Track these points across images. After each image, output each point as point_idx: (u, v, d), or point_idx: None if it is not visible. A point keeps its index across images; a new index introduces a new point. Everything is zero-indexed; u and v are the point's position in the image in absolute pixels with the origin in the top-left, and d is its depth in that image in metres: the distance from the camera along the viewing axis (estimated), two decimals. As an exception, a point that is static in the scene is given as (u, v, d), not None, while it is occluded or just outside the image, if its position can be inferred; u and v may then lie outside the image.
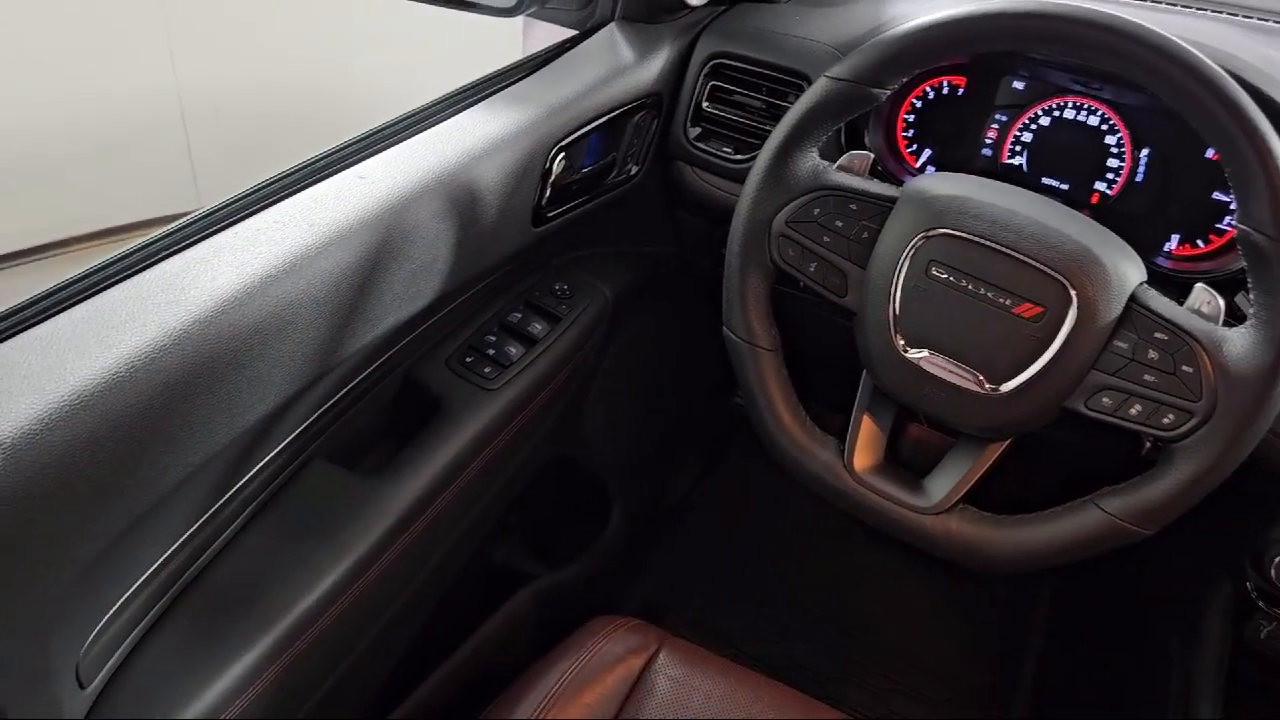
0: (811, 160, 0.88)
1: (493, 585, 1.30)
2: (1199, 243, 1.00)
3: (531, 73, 1.07)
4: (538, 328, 1.12)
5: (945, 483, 0.87)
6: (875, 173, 0.99)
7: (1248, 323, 0.75)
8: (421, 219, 0.88)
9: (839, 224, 0.87)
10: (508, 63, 1.08)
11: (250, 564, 0.86)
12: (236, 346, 0.73)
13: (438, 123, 0.96)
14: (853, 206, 0.86)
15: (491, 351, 1.08)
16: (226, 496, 0.84)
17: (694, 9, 1.15)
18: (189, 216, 0.79)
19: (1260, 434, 0.75)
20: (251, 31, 2.97)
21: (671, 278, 1.38)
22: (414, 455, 0.97)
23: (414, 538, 0.95)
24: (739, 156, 1.11)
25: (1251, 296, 0.75)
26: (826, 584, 1.72)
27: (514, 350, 1.09)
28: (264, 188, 0.84)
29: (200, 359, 0.70)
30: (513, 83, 1.05)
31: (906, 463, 0.93)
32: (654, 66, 1.10)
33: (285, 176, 0.86)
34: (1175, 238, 1.01)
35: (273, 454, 0.87)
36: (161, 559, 0.79)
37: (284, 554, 0.87)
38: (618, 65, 1.08)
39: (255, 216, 0.81)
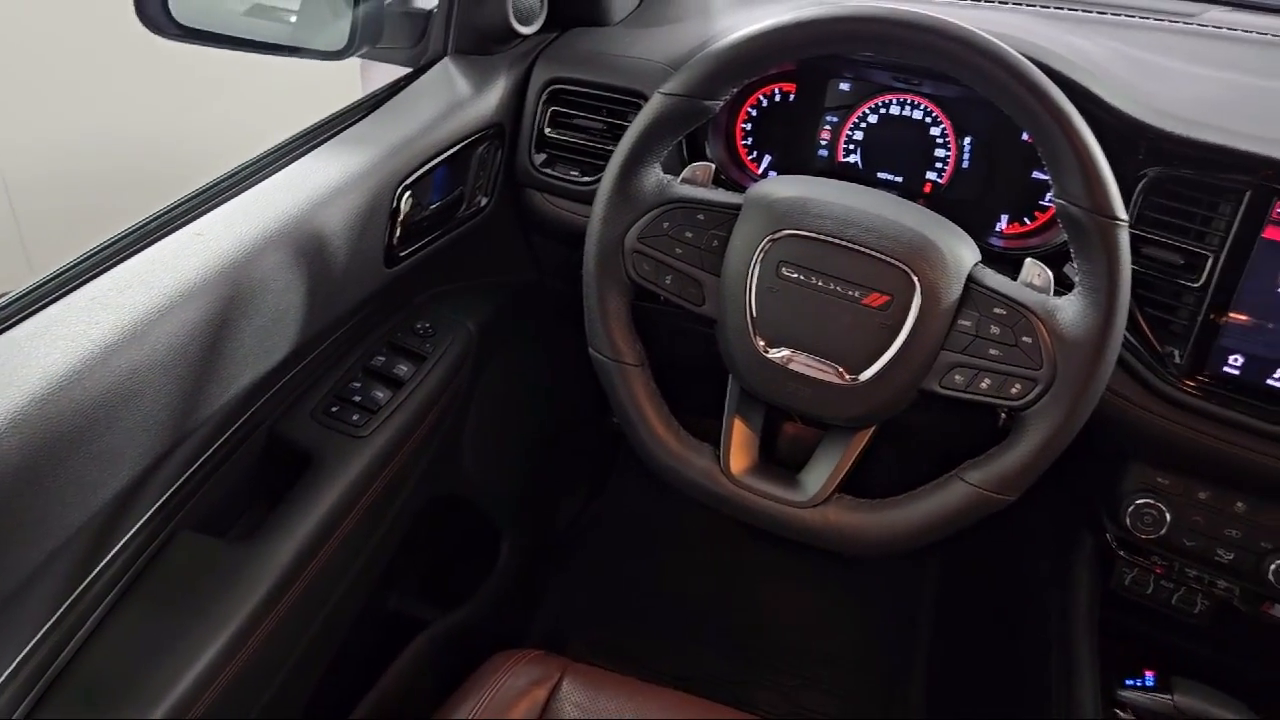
0: (655, 176, 0.89)
1: (389, 635, 1.27)
2: (1026, 220, 1.06)
3: (368, 113, 1.06)
4: (403, 369, 1.10)
5: (819, 475, 0.89)
6: (719, 182, 1.01)
7: (1075, 290, 0.80)
8: (268, 271, 0.85)
9: (689, 235, 0.88)
10: (348, 102, 1.07)
11: (122, 648, 0.81)
12: (80, 424, 0.69)
13: (276, 171, 0.94)
14: (700, 217, 0.88)
15: (358, 398, 1.06)
16: (89, 579, 0.80)
17: (525, 37, 1.16)
18: (11, 294, 0.75)
19: (1098, 392, 0.80)
20: (77, 88, 2.83)
21: (535, 305, 1.38)
22: (287, 514, 0.94)
23: (296, 599, 0.92)
24: (586, 179, 1.12)
25: (1076, 265, 0.80)
26: (724, 590, 1.75)
27: (381, 394, 1.07)
28: (97, 253, 0.80)
29: (40, 441, 0.67)
30: (350, 125, 1.03)
31: (784, 460, 0.95)
32: (492, 97, 1.11)
33: (119, 240, 0.82)
34: (1004, 217, 1.07)
35: (135, 529, 0.83)
36: (24, 651, 0.75)
37: (157, 633, 0.83)
38: (455, 99, 1.08)
39: (89, 284, 0.77)
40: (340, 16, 1.09)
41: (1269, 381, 0.92)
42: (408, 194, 1.01)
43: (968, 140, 1.06)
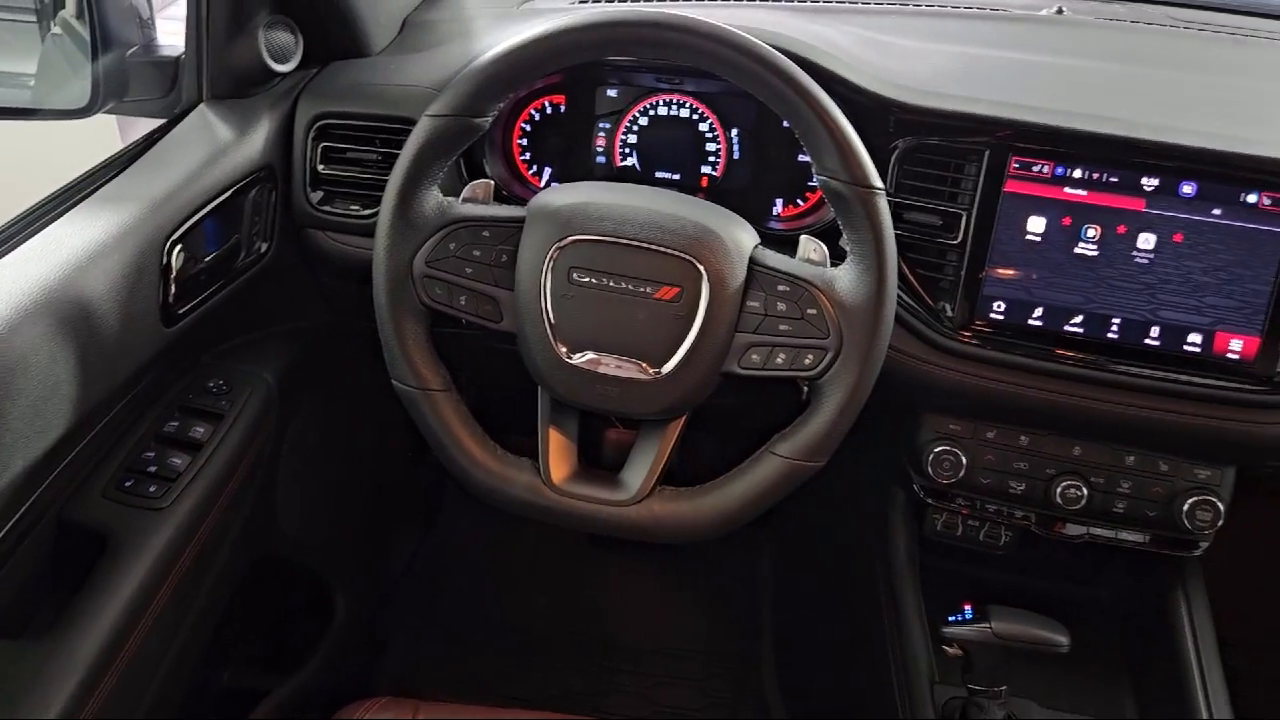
0: (434, 198, 0.89)
1: (226, 713, 1.20)
2: (799, 201, 1.11)
3: (123, 169, 1.00)
4: (200, 431, 1.05)
5: (639, 471, 0.91)
6: (503, 198, 1.02)
7: (848, 260, 0.85)
8: (29, 346, 0.79)
9: (477, 253, 0.88)
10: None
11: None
12: None
13: (27, 239, 0.88)
14: (485, 234, 0.88)
15: (153, 468, 1.00)
16: None
17: (284, 76, 1.13)
18: None
19: (882, 351, 0.85)
20: None
21: (336, 347, 1.34)
22: (87, 604, 0.88)
23: (108, 695, 0.86)
24: (367, 212, 1.10)
25: (846, 236, 0.85)
26: (571, 604, 1.75)
27: (178, 461, 1.01)
28: None
29: None
30: (105, 183, 0.98)
31: (612, 466, 0.96)
32: (257, 139, 1.07)
33: None
34: (779, 201, 1.12)
35: None
36: None
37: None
38: (217, 145, 1.04)
39: None
40: (80, 72, 1.03)
41: (1029, 322, 1.00)
42: (178, 248, 0.96)
43: (735, 132, 1.11)
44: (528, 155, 1.15)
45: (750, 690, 1.59)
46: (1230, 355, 0.97)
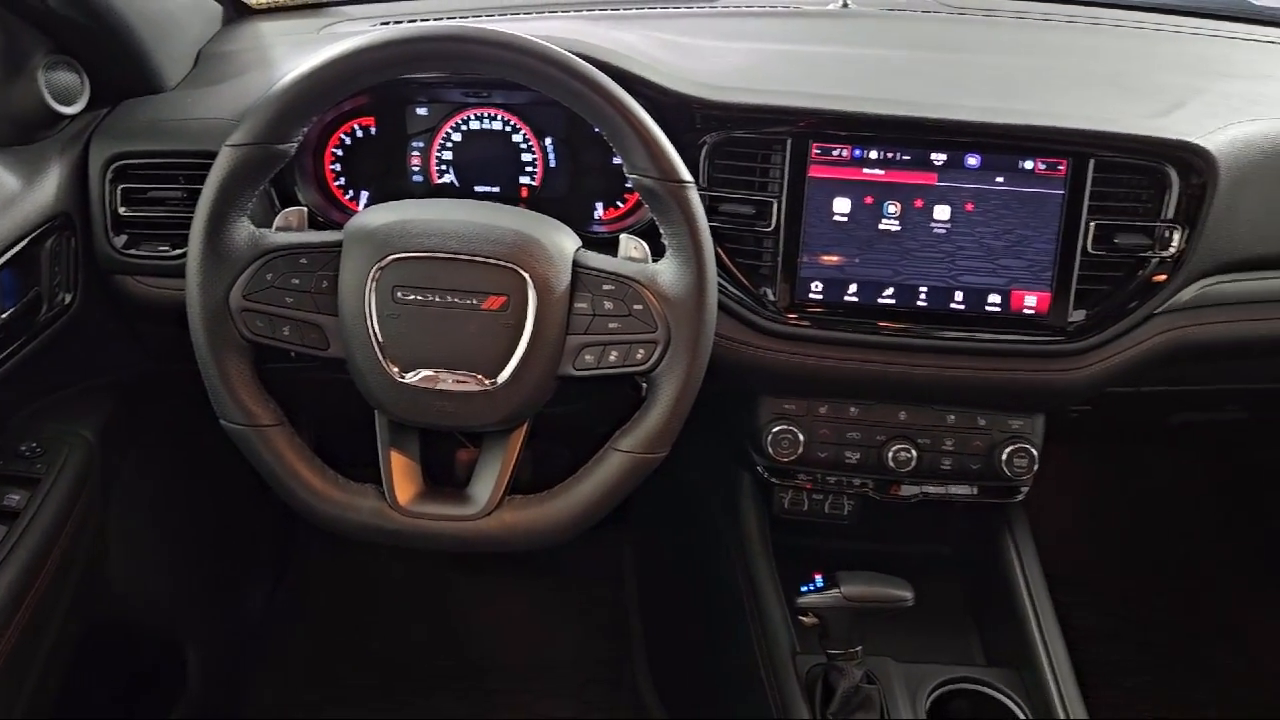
0: (245, 230, 0.87)
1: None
2: (619, 204, 1.14)
3: (-103, 229, 0.93)
4: (15, 499, 0.99)
5: (486, 484, 0.91)
6: (320, 225, 1.00)
7: (667, 254, 0.88)
8: None
9: (296, 282, 0.87)
10: None
11: None
12: None
13: None
14: (303, 261, 0.87)
15: (-34, 545, 0.94)
16: None
17: (72, 118, 1.07)
18: None
19: (710, 339, 0.88)
20: None
21: (161, 394, 1.28)
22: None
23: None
24: (176, 252, 1.06)
25: (663, 231, 0.88)
26: (440, 631, 1.72)
27: (-6, 533, 0.95)
28: None
29: None
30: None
31: (464, 484, 0.96)
32: (48, 186, 1.01)
33: None
34: (599, 205, 1.14)
35: None
36: None
37: None
38: (3, 196, 0.98)
39: None
40: None
41: (846, 298, 1.05)
42: (-30, 307, 0.91)
43: (549, 141, 1.12)
44: (342, 180, 1.13)
45: (625, 690, 1.61)
46: (1026, 311, 1.05)
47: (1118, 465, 1.92)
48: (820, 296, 1.05)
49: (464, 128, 1.12)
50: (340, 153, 1.13)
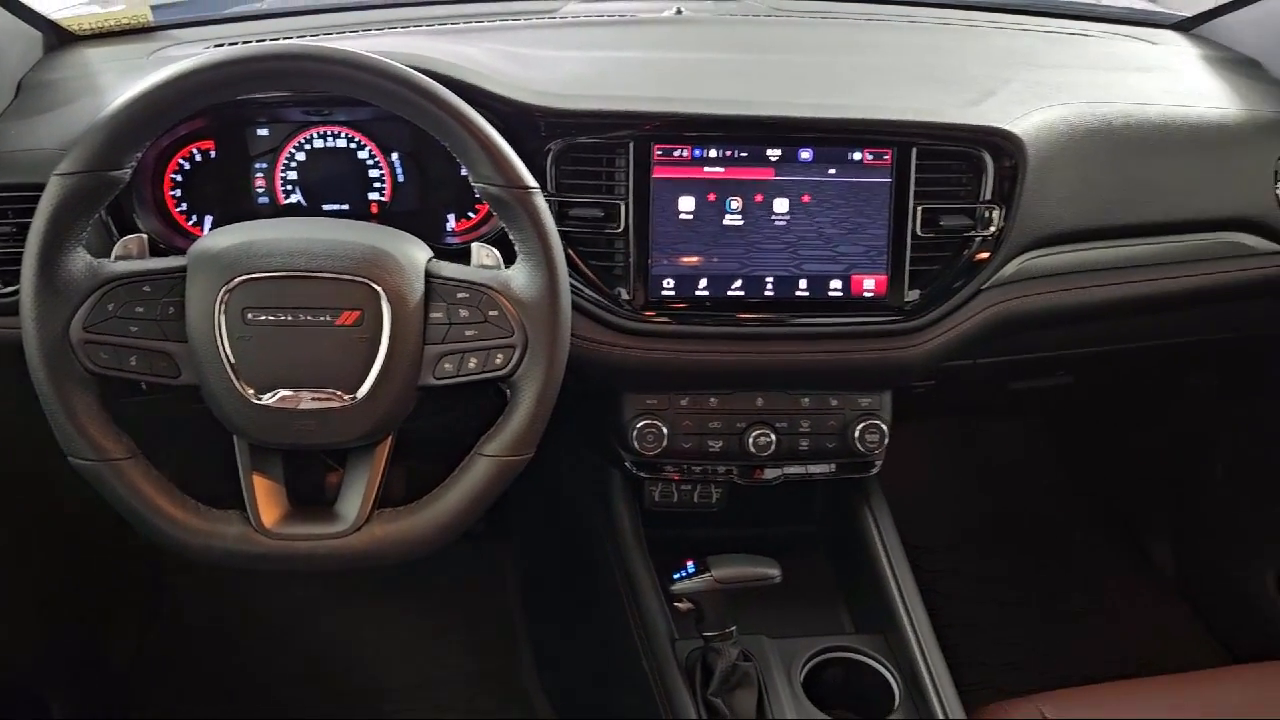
0: (82, 260, 0.84)
1: None
2: (470, 214, 1.15)
3: None
4: None
5: (354, 500, 0.91)
6: (161, 253, 0.98)
7: (519, 259, 0.90)
8: None
9: (140, 310, 0.85)
10: None
11: None
12: None
13: None
14: (146, 289, 0.85)
15: None
16: None
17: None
18: None
19: (566, 339, 0.90)
20: None
21: (3, 439, 1.22)
22: None
23: None
24: (8, 289, 1.01)
25: (513, 237, 0.90)
26: (327, 658, 1.69)
27: None
28: None
29: None
30: None
31: (333, 503, 0.95)
32: None
33: None
34: (451, 217, 1.15)
35: None
36: None
37: None
38: None
39: None
40: None
41: (698, 293, 1.09)
42: None
43: (395, 156, 1.13)
44: (184, 206, 1.11)
45: (516, 699, 1.61)
46: (866, 294, 1.11)
47: (966, 436, 2.03)
48: (673, 293, 1.09)
49: (308, 147, 1.11)
50: (180, 178, 1.10)
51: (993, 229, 1.11)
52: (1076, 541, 1.93)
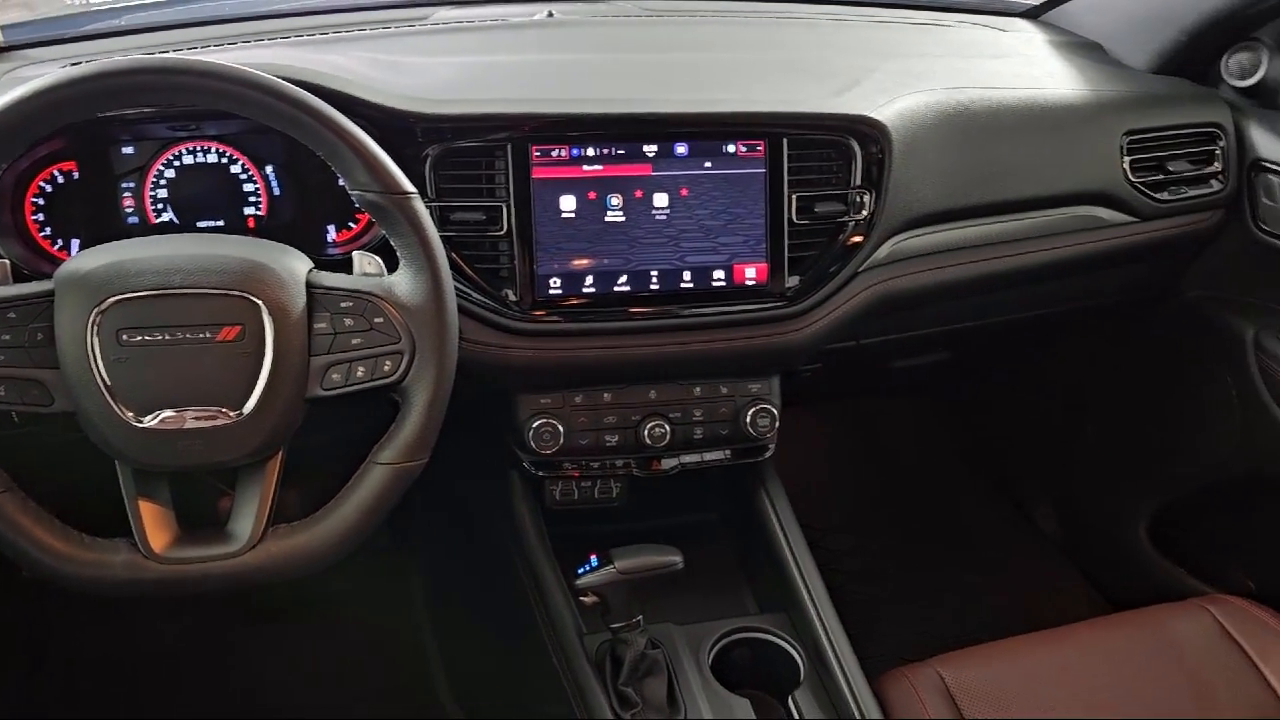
0: None
1: None
2: (351, 224, 1.14)
3: None
4: None
5: (247, 518, 0.89)
6: (25, 278, 0.94)
7: (401, 266, 0.90)
8: None
9: (7, 337, 0.82)
10: None
11: None
12: None
13: None
14: (11, 315, 0.82)
15: None
16: None
17: None
18: None
19: (454, 342, 0.90)
20: None
21: None
22: None
23: None
24: None
25: (394, 243, 0.90)
26: (228, 688, 1.64)
27: None
28: None
29: None
30: None
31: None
32: None
33: None
34: (331, 228, 1.14)
35: None
36: None
37: None
38: None
39: None
40: None
41: (585, 290, 1.10)
42: None
43: (270, 169, 1.11)
44: (48, 230, 1.07)
45: (429, 711, 1.60)
46: (749, 282, 1.14)
47: (857, 418, 2.10)
48: (560, 292, 1.10)
49: (177, 164, 1.09)
50: (41, 201, 1.07)
51: (864, 213, 1.15)
52: (966, 511, 2.01)
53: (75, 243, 1.08)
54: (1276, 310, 1.41)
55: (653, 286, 1.12)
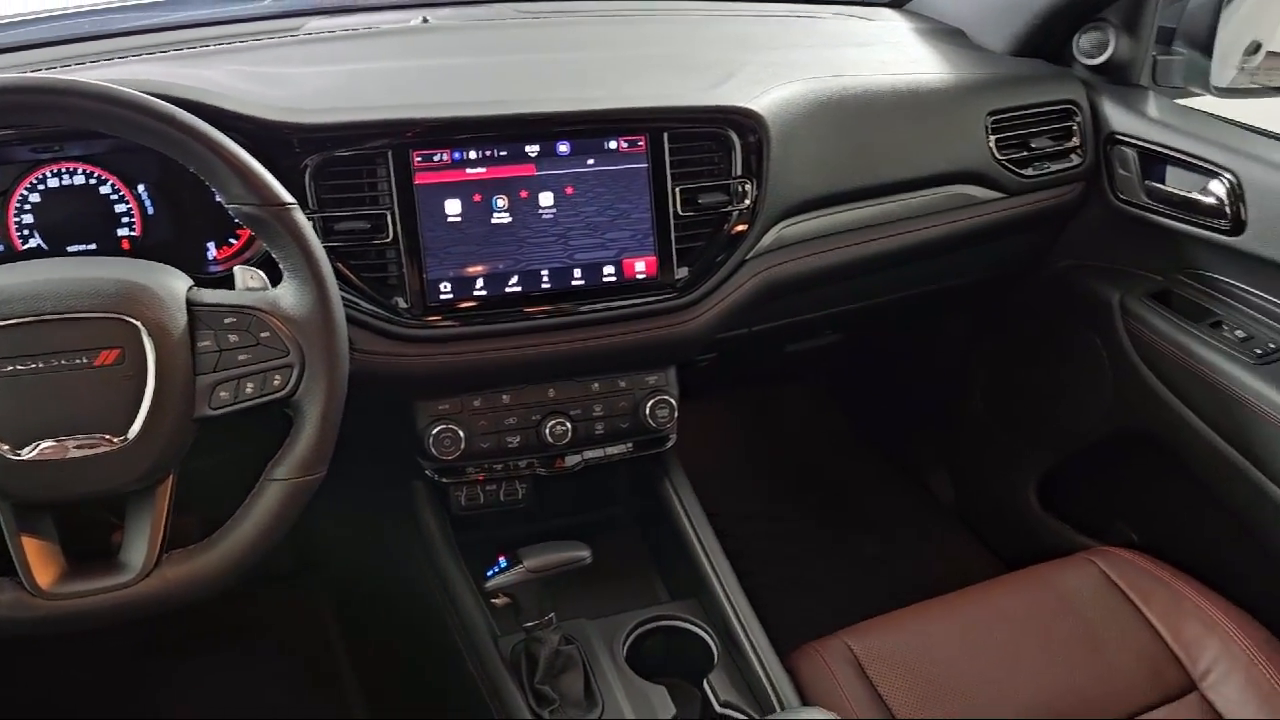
0: None
1: None
2: (231, 241, 1.12)
3: None
4: None
5: (139, 545, 0.86)
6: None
7: (285, 278, 0.88)
8: None
9: None
10: None
11: None
12: None
13: None
14: None
15: None
16: None
17: None
18: None
19: (345, 353, 0.89)
20: None
21: None
22: None
23: None
24: None
25: (276, 256, 0.88)
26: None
27: None
28: None
29: None
30: None
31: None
32: None
33: None
34: (212, 245, 1.11)
35: None
36: None
37: None
38: None
39: None
40: None
41: (475, 293, 1.11)
42: None
43: (142, 188, 1.08)
44: (-95, 263, 1.02)
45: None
46: (639, 276, 1.15)
47: (757, 405, 2.14)
48: (451, 297, 1.10)
49: (41, 187, 1.05)
50: (-106, 233, 1.02)
51: (747, 202, 1.17)
52: (867, 488, 2.07)
53: (-65, 275, 1.03)
54: (1139, 274, 1.49)
55: (544, 286, 1.13)
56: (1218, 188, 1.32)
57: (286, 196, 0.86)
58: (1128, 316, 1.46)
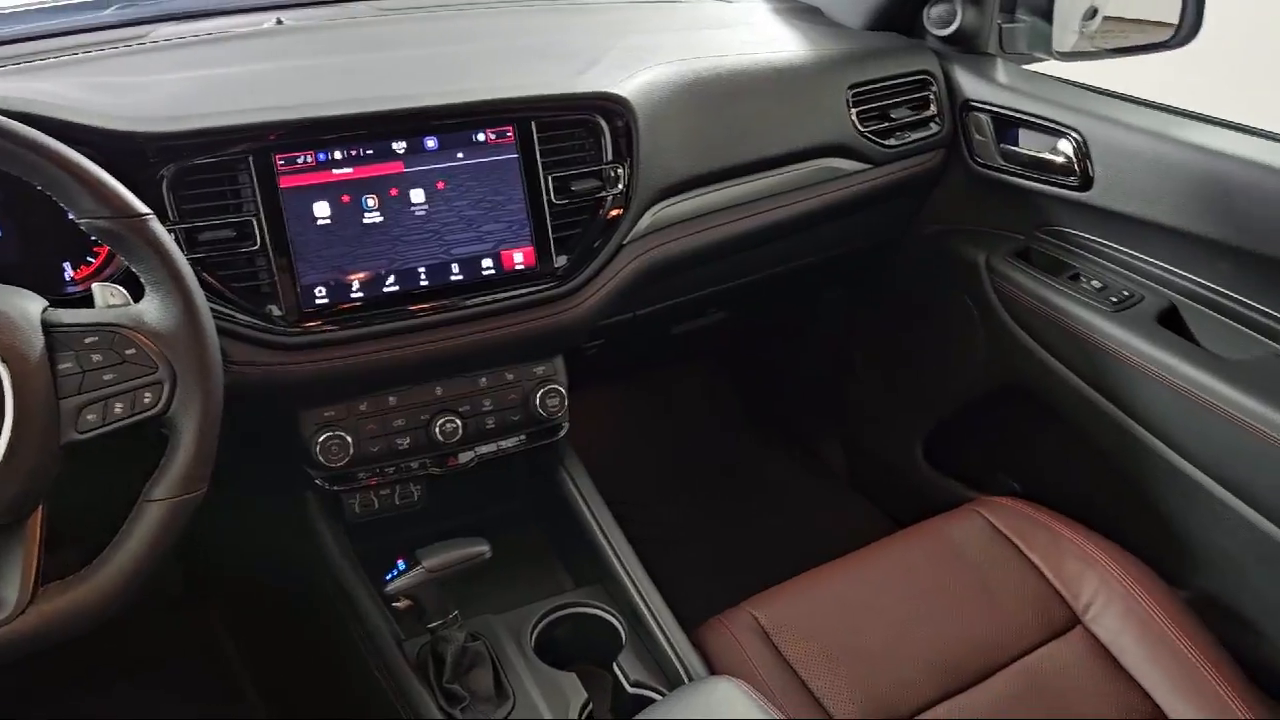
0: None
1: None
2: (90, 259, 1.07)
3: None
4: None
5: (11, 582, 0.82)
6: None
7: (147, 292, 0.85)
8: None
9: None
10: None
11: None
12: None
13: None
14: None
15: None
16: None
17: None
18: None
19: (218, 365, 0.87)
20: None
21: None
22: None
23: None
24: None
25: (136, 270, 0.85)
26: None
27: None
28: None
29: None
30: None
31: None
32: None
33: None
34: (68, 265, 1.07)
35: None
36: None
37: None
38: None
39: None
40: None
41: (352, 296, 1.09)
42: None
43: (-13, 209, 1.03)
44: None
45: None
46: (518, 267, 1.15)
47: (649, 390, 2.16)
48: (327, 301, 1.08)
49: (-127, 214, 0.99)
50: None
51: (620, 186, 1.18)
52: (762, 462, 2.11)
53: None
54: (1002, 234, 1.56)
55: (422, 283, 1.11)
56: (1066, 147, 1.38)
57: (141, 207, 0.83)
58: (994, 275, 1.52)
